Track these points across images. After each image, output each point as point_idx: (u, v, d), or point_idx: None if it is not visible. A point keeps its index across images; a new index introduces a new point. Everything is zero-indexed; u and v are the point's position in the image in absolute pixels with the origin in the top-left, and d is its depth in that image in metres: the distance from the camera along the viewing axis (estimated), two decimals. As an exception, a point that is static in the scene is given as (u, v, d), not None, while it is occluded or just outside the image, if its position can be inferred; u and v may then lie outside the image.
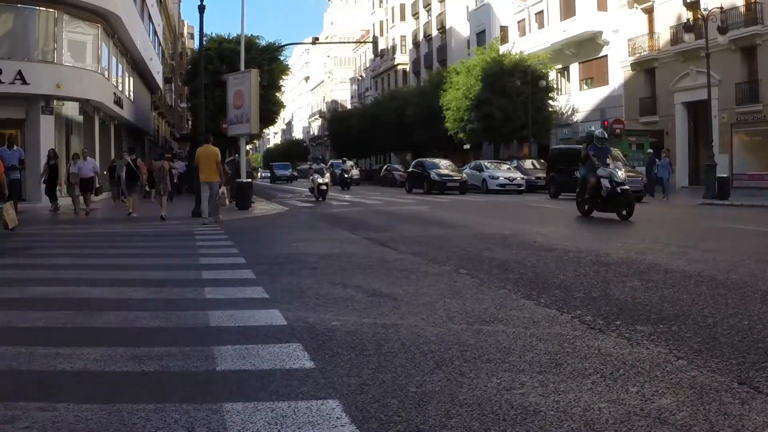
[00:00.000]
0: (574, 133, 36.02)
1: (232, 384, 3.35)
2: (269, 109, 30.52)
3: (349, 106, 78.81)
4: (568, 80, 38.27)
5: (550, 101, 35.75)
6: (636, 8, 32.44)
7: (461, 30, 51.43)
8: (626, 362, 3.60)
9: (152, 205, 18.29)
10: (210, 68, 26.80)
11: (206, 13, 18.12)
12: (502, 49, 37.77)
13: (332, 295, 5.69)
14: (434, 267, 7.30)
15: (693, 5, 24.96)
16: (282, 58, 34.71)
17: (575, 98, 36.89)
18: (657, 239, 9.82)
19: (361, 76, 79.54)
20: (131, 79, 32.75)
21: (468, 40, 48.67)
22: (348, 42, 74.75)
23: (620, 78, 33.67)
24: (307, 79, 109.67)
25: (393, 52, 64.37)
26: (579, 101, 36.50)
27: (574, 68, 37.52)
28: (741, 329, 4.26)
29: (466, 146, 40.28)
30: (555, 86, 37.13)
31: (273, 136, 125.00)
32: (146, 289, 6.09)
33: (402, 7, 63.29)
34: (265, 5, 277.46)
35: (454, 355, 3.77)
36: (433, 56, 55.51)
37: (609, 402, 2.98)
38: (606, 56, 34.81)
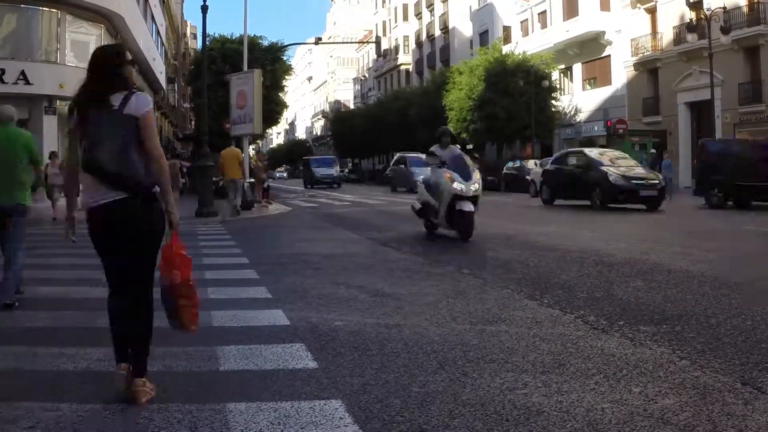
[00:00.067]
0: (577, 134, 35.98)
1: (235, 384, 3.35)
2: (272, 109, 30.57)
3: (352, 107, 78.78)
4: (571, 80, 38.19)
5: (553, 101, 35.63)
6: (639, 8, 32.37)
7: (464, 30, 51.37)
8: (629, 362, 3.59)
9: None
10: (213, 68, 26.86)
11: (209, 14, 18.16)
12: (505, 49, 37.66)
13: (335, 295, 5.69)
14: (437, 267, 7.30)
15: (696, 5, 24.95)
16: (285, 58, 34.79)
17: (578, 98, 36.81)
18: (660, 239, 9.80)
19: (364, 77, 79.51)
20: (134, 79, 32.79)
21: (471, 40, 48.59)
22: (351, 42, 74.65)
23: (623, 78, 33.60)
24: (310, 80, 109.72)
25: (396, 53, 64.33)
26: (582, 101, 36.42)
27: (577, 68, 37.44)
28: (744, 329, 4.25)
29: (469, 146, 40.21)
30: (558, 86, 37.00)
31: (276, 137, 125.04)
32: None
33: (405, 8, 63.22)
34: (268, 5, 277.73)
35: (457, 356, 3.77)
36: (436, 56, 55.45)
37: (612, 402, 2.98)
38: (609, 56, 34.73)
